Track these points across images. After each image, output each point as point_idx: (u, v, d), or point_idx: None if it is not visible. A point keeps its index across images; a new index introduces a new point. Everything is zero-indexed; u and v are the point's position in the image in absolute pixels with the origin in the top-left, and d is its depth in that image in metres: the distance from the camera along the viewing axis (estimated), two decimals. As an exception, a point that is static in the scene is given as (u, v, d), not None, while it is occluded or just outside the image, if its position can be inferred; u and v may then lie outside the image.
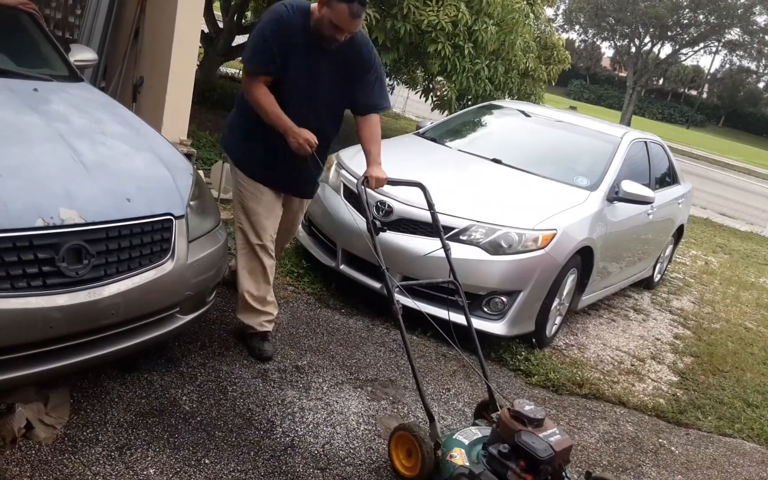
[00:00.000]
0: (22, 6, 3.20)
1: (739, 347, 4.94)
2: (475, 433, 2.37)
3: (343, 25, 2.64)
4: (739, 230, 11.15)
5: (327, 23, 2.65)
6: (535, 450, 2.05)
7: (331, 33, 2.67)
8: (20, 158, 2.16)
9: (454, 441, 2.31)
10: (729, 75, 40.65)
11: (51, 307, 1.96)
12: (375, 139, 2.93)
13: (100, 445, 2.20)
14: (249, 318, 3.00)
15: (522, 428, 2.13)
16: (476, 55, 6.89)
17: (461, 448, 2.26)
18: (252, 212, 2.92)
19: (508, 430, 2.15)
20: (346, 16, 2.62)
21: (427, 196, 2.90)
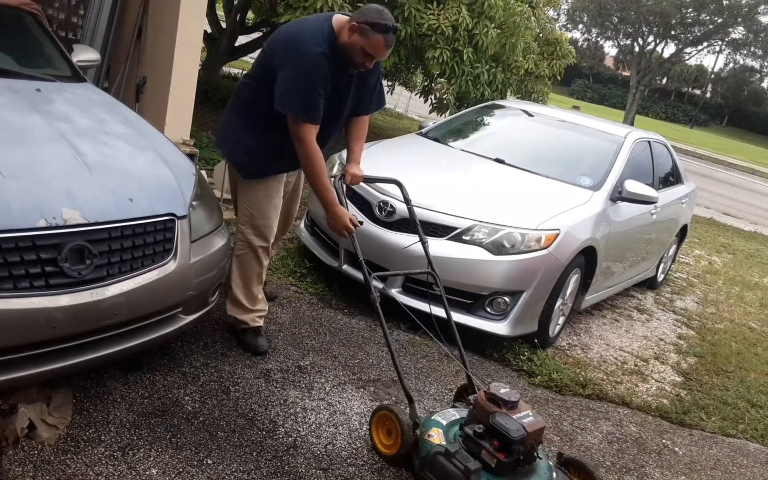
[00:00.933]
0: (25, 6, 3.20)
1: (743, 347, 4.93)
2: (453, 414, 2.45)
3: (377, 55, 2.63)
4: (742, 230, 11.11)
5: (359, 51, 2.60)
6: (507, 430, 2.14)
7: (361, 60, 2.64)
8: (23, 158, 2.16)
9: (433, 421, 2.39)
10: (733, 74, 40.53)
11: (53, 307, 1.96)
12: (360, 138, 3.01)
13: (103, 445, 2.20)
14: (241, 314, 3.01)
15: (496, 410, 2.23)
16: (476, 59, 6.89)
17: (439, 428, 2.34)
18: (260, 214, 2.89)
19: (483, 411, 2.25)
20: (382, 47, 2.60)
21: (404, 192, 3.03)
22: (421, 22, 6.28)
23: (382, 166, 3.99)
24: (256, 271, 2.97)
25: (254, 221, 2.90)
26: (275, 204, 2.94)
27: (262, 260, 2.96)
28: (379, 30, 2.56)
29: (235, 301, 3.00)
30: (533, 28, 8.04)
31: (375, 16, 2.58)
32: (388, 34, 2.58)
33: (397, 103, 15.17)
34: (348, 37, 2.62)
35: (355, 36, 2.60)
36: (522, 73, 7.89)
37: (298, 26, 2.75)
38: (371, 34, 2.57)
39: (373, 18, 2.57)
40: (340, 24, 2.67)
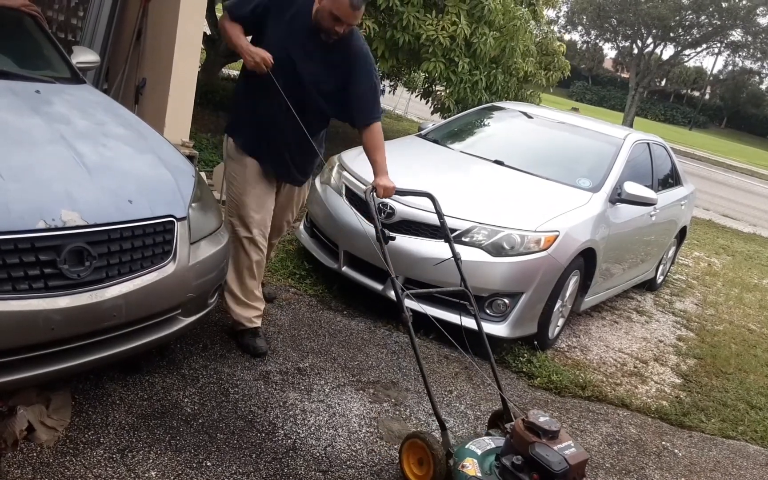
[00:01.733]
0: (25, 8, 3.20)
1: (743, 349, 4.93)
2: (488, 443, 2.33)
3: (343, 17, 2.65)
4: (741, 232, 11.12)
5: (327, 14, 2.66)
6: (549, 463, 2.02)
7: (330, 25, 2.68)
8: (22, 160, 2.15)
9: (467, 451, 2.28)
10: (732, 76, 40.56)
11: (52, 309, 1.95)
12: (379, 147, 2.91)
13: (102, 447, 2.19)
14: (237, 313, 3.01)
15: (536, 440, 2.11)
16: (474, 66, 6.91)
17: (474, 458, 2.23)
18: (242, 204, 2.92)
19: (522, 441, 2.13)
20: (347, 8, 2.63)
21: (437, 205, 2.90)
22: (420, 32, 6.29)
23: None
24: (245, 264, 2.97)
25: (238, 211, 2.94)
26: (256, 193, 2.94)
27: (250, 253, 2.96)
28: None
29: (230, 292, 3.01)
30: (532, 32, 8.06)
31: None
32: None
33: (396, 104, 15.18)
34: (318, 2, 2.69)
35: (324, 0, 2.66)
36: (521, 76, 7.91)
37: None
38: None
39: None
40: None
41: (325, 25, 2.69)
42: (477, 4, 6.69)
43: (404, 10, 6.23)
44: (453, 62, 6.68)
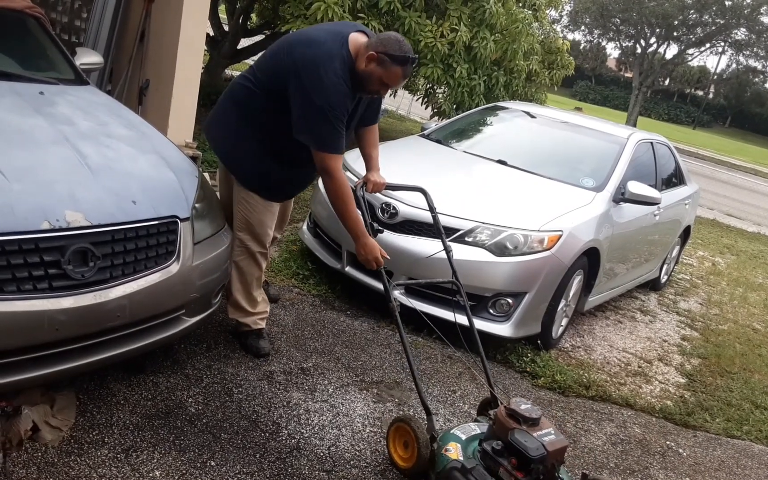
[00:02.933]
0: (29, 9, 3.21)
1: (747, 349, 4.91)
2: (474, 429, 2.39)
3: (394, 85, 2.63)
4: (746, 231, 11.08)
5: (376, 80, 2.57)
6: (526, 449, 2.07)
7: (377, 88, 2.61)
8: (26, 161, 2.16)
9: (452, 436, 2.33)
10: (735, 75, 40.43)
11: (57, 309, 1.96)
12: (375, 144, 2.96)
13: (106, 447, 2.20)
14: (242, 317, 3.01)
15: (516, 426, 2.15)
16: (473, 70, 6.91)
17: (457, 443, 2.28)
18: (256, 223, 2.88)
19: (503, 427, 2.18)
20: (399, 78, 2.58)
21: (429, 200, 2.94)
22: (419, 38, 6.30)
23: (385, 168, 3.97)
24: (255, 275, 2.97)
25: (251, 229, 2.88)
26: (272, 212, 2.93)
27: (261, 264, 2.96)
28: (398, 62, 2.52)
29: (236, 305, 3.00)
30: (535, 34, 8.05)
31: (395, 47, 2.52)
32: (407, 66, 2.54)
33: (399, 105, 15.18)
34: (365, 65, 2.55)
35: (373, 65, 2.54)
36: (524, 77, 7.90)
37: (314, 49, 2.57)
38: (390, 66, 2.52)
39: (393, 50, 2.51)
40: (357, 49, 2.59)
41: (372, 88, 2.61)
42: (478, 7, 6.69)
43: (406, 14, 6.24)
44: (451, 67, 6.69)
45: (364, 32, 2.67)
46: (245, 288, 2.98)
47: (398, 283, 2.71)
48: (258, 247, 2.92)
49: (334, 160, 2.59)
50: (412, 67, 2.60)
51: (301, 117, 2.58)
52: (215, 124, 2.95)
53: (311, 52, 2.56)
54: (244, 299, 2.99)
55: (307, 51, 2.58)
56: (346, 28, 2.69)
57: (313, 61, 2.54)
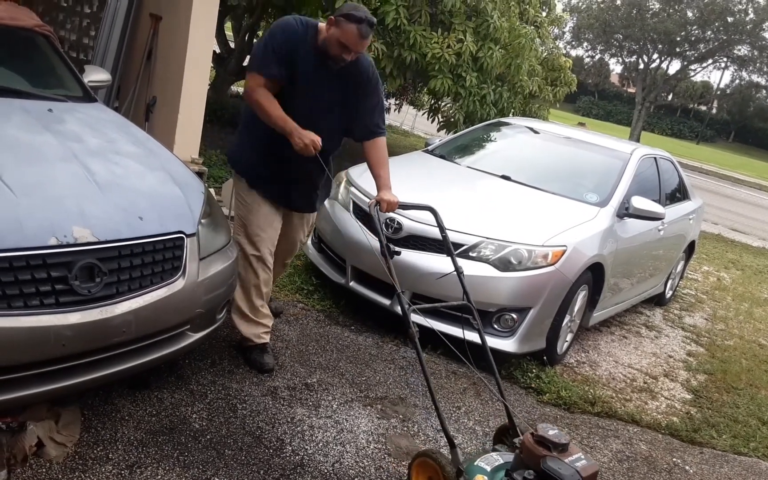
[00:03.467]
0: (38, 27, 3.26)
1: (753, 364, 4.88)
2: (497, 459, 2.32)
3: (351, 45, 2.67)
4: (751, 246, 11.05)
5: (335, 42, 2.67)
6: (562, 476, 2.01)
7: (338, 52, 2.69)
8: (35, 177, 2.18)
9: (476, 468, 2.26)
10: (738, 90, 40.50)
11: (63, 324, 1.97)
12: (383, 162, 2.95)
13: (111, 463, 2.20)
14: (245, 329, 3.02)
15: (547, 453, 2.09)
16: (483, 80, 6.96)
17: (483, 475, 2.22)
18: (249, 223, 2.94)
19: (532, 455, 2.11)
20: (355, 36, 2.64)
21: (438, 219, 2.90)
22: (426, 50, 6.36)
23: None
24: (253, 282, 2.98)
25: (245, 230, 2.95)
26: (264, 212, 2.95)
27: (258, 271, 2.97)
28: (353, 20, 2.62)
29: (238, 310, 3.02)
30: (537, 50, 8.12)
31: (349, 8, 2.66)
32: (362, 24, 2.62)
33: (403, 120, 15.25)
34: (326, 31, 2.71)
35: (332, 29, 2.68)
36: (526, 94, 7.95)
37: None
38: (345, 24, 2.63)
39: (348, 10, 2.66)
40: (322, 24, 2.78)
41: (333, 52, 2.69)
42: (483, 22, 6.75)
43: (411, 29, 6.30)
44: (461, 77, 6.73)
45: None
46: (245, 294, 3.00)
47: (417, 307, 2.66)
48: (251, 250, 2.94)
49: (251, 77, 2.77)
50: (369, 29, 2.67)
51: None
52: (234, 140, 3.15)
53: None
54: (246, 306, 3.01)
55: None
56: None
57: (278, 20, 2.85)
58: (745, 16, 30.67)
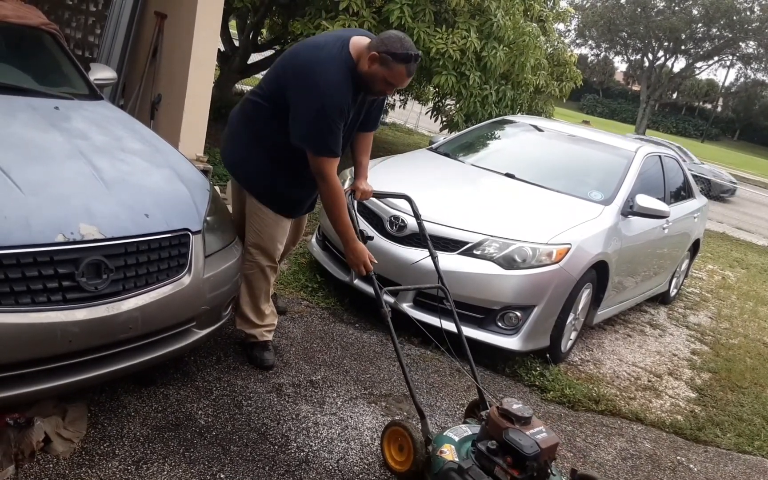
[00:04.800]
0: (44, 26, 3.27)
1: (758, 363, 4.87)
2: (465, 430, 2.43)
3: (398, 84, 2.58)
4: (755, 244, 11.01)
5: (380, 80, 2.53)
6: (521, 446, 2.12)
7: (382, 88, 2.58)
8: (42, 175, 2.20)
9: (445, 437, 2.37)
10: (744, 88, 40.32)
11: (70, 321, 1.98)
12: (366, 151, 3.02)
13: (117, 459, 2.21)
14: (249, 328, 3.03)
15: (509, 426, 2.20)
16: (485, 80, 6.96)
17: (451, 444, 2.32)
18: (268, 238, 2.89)
19: (496, 427, 2.23)
20: (404, 76, 2.53)
21: (414, 206, 3.05)
22: (430, 46, 6.36)
23: (393, 181, 4.01)
24: (264, 289, 2.99)
25: (262, 243, 2.90)
26: (283, 227, 2.94)
27: (270, 278, 2.98)
28: (401, 60, 2.48)
29: (244, 316, 3.02)
30: (542, 47, 8.10)
31: (396, 45, 2.48)
32: (410, 63, 2.49)
33: (407, 118, 15.25)
34: (368, 66, 2.52)
35: (376, 66, 2.51)
36: (532, 90, 7.94)
37: (314, 52, 2.60)
38: (393, 64, 2.48)
39: (395, 48, 2.47)
40: (358, 50, 2.56)
41: (378, 89, 2.58)
42: (486, 20, 6.75)
43: (415, 26, 6.31)
44: (464, 76, 6.73)
45: (366, 35, 2.66)
46: (253, 301, 3.00)
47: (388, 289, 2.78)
48: (267, 262, 2.94)
49: (329, 163, 2.58)
50: (416, 65, 2.56)
51: (296, 120, 2.58)
52: (226, 139, 2.99)
53: (310, 55, 2.59)
54: (252, 312, 3.01)
55: (306, 54, 2.61)
56: (347, 33, 2.69)
57: (310, 63, 2.55)
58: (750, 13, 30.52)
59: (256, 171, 2.84)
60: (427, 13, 6.43)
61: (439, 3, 6.64)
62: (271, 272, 2.97)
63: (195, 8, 4.69)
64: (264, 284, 2.97)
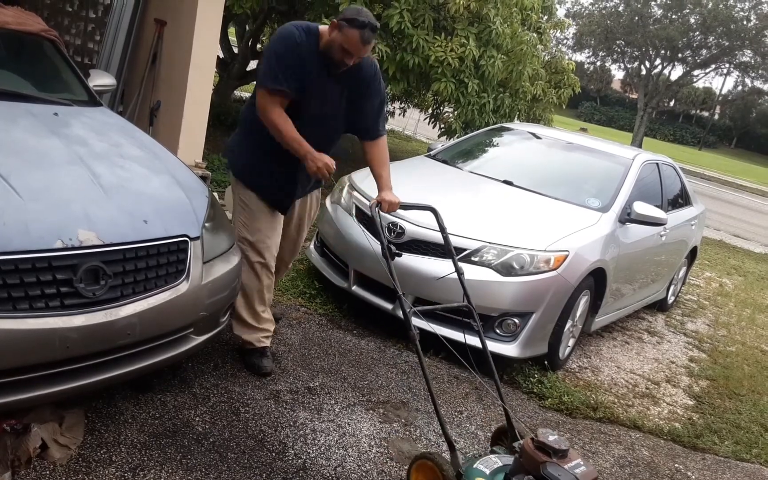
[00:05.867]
0: (44, 32, 3.28)
1: (756, 370, 4.87)
2: (495, 461, 2.33)
3: (353, 50, 2.67)
4: (753, 252, 11.03)
5: (337, 47, 2.67)
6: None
7: (340, 57, 2.70)
8: (41, 181, 2.20)
9: (476, 471, 2.27)
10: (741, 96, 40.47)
11: (68, 327, 1.98)
12: (384, 162, 2.96)
13: (114, 465, 2.21)
14: (246, 334, 3.02)
15: (547, 459, 2.10)
16: (483, 88, 6.99)
17: (483, 478, 2.23)
18: (254, 230, 2.94)
19: (532, 461, 2.12)
20: (357, 42, 2.64)
21: (439, 220, 2.90)
22: (429, 53, 6.39)
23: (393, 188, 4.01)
24: (256, 288, 2.98)
25: (249, 237, 2.94)
26: (270, 220, 2.96)
27: (261, 277, 2.97)
28: (355, 26, 2.62)
29: (240, 319, 3.02)
30: (540, 55, 8.14)
31: (352, 13, 2.66)
32: (364, 30, 2.62)
33: (405, 125, 15.27)
34: (328, 34, 2.71)
35: (334, 33, 2.68)
36: (529, 99, 7.97)
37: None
38: (347, 30, 2.63)
39: (350, 15, 2.65)
40: (324, 28, 2.78)
41: (336, 57, 2.69)
42: (485, 27, 6.78)
43: (414, 33, 6.34)
44: (463, 83, 6.76)
45: None
46: (247, 301, 3.00)
47: (417, 310, 2.67)
48: (256, 257, 2.94)
49: (264, 96, 2.73)
50: (373, 34, 2.67)
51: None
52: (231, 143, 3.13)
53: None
54: (247, 313, 3.01)
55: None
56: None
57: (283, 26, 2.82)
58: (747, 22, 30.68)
59: (242, 151, 3.01)
60: (427, 19, 6.46)
61: (438, 10, 6.68)
62: (261, 270, 2.96)
63: (194, 15, 4.71)
64: (255, 283, 2.97)
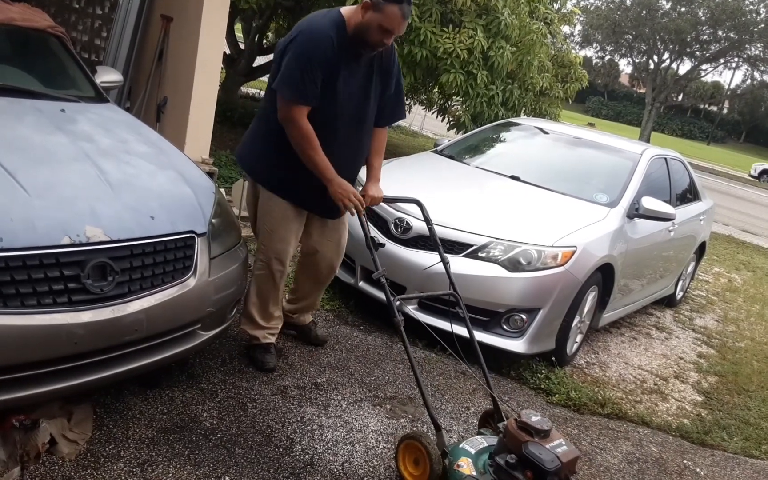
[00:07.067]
0: (51, 29, 3.29)
1: (765, 366, 4.84)
2: (481, 442, 2.39)
3: (394, 27, 2.51)
4: (762, 247, 10.95)
5: (375, 28, 2.50)
6: (542, 461, 2.08)
7: (378, 38, 2.53)
8: (48, 177, 2.21)
9: (461, 450, 2.33)
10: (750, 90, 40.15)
11: (76, 323, 1.99)
12: (380, 152, 2.92)
13: (122, 461, 2.22)
14: (253, 330, 3.02)
15: (529, 439, 2.16)
16: (491, 80, 6.95)
17: (468, 458, 2.28)
18: (278, 239, 2.87)
19: (515, 440, 2.18)
20: (398, 17, 2.48)
21: (424, 211, 2.96)
22: (437, 45, 6.36)
23: (398, 184, 4.00)
24: (272, 294, 2.98)
25: (273, 245, 2.88)
26: (293, 228, 2.90)
27: (278, 283, 2.96)
28: (394, 1, 2.45)
29: (250, 317, 3.02)
30: (548, 46, 8.09)
31: None
32: (403, 4, 2.46)
33: (412, 121, 15.25)
34: (362, 16, 2.53)
35: (369, 13, 2.51)
36: (537, 91, 7.93)
37: (307, 18, 2.69)
38: (385, 6, 2.46)
39: None
40: (349, 12, 2.61)
41: (373, 39, 2.53)
42: (493, 19, 6.75)
43: (422, 25, 6.31)
44: (471, 75, 6.72)
45: None
46: (262, 303, 2.99)
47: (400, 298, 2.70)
48: (278, 266, 2.91)
49: (296, 110, 2.57)
50: (410, 8, 2.52)
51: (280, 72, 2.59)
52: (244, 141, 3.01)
53: (304, 20, 2.68)
54: (259, 313, 3.00)
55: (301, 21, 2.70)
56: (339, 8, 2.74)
57: (305, 22, 2.65)
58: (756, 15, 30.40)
59: (262, 156, 2.86)
60: (434, 12, 6.43)
61: (445, 3, 6.64)
62: (281, 279, 2.96)
63: (201, 11, 4.70)
64: (272, 288, 2.96)
